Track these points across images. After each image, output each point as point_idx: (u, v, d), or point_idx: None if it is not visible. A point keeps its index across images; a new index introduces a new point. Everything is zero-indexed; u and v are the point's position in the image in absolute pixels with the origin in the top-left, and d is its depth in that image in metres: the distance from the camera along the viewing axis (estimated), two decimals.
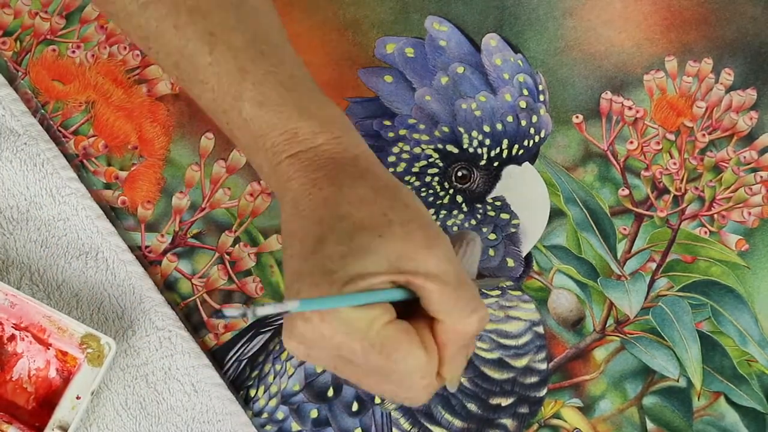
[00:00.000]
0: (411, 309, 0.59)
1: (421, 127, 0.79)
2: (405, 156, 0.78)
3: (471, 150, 0.78)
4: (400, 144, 0.78)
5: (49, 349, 0.74)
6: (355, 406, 0.76)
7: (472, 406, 0.76)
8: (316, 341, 0.58)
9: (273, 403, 0.76)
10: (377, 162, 0.63)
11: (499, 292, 0.78)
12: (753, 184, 0.81)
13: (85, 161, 0.79)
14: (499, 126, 0.79)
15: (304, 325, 0.57)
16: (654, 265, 0.79)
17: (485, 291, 0.78)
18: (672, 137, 0.81)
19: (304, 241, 0.59)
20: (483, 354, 0.77)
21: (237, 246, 0.78)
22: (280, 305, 0.55)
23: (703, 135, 0.81)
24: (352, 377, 0.60)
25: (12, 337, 0.74)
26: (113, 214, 0.78)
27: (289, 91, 0.62)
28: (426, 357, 0.58)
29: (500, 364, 0.77)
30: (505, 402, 0.77)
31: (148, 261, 0.78)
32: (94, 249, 0.77)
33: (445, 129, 0.79)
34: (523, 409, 0.77)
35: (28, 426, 0.73)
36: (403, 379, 0.58)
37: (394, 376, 0.58)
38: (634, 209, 0.80)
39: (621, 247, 0.79)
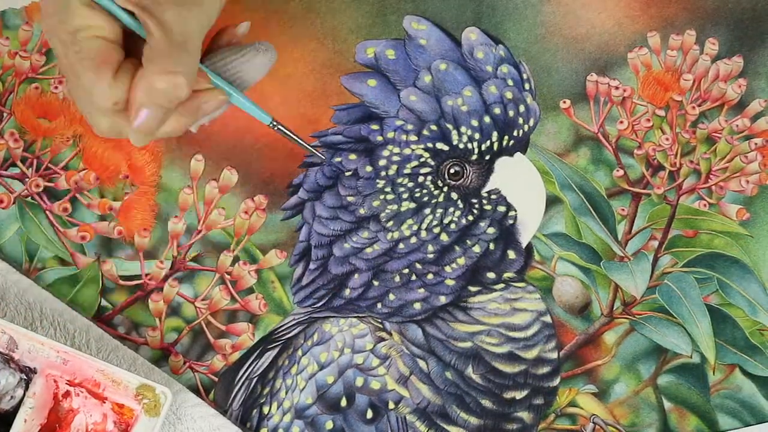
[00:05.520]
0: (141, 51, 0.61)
1: (409, 127, 0.78)
2: (395, 158, 0.78)
3: (461, 146, 0.78)
4: (390, 147, 0.78)
5: (105, 402, 0.73)
6: (369, 414, 0.76)
7: (486, 402, 0.76)
8: (45, 14, 0.61)
9: (287, 418, 0.76)
10: None
11: (503, 285, 0.78)
12: (748, 152, 0.80)
13: (77, 195, 0.79)
14: (487, 119, 0.78)
15: None
16: (656, 243, 0.79)
17: (490, 286, 0.77)
18: (662, 113, 0.80)
19: None
20: (493, 349, 0.76)
21: (236, 265, 0.78)
22: None
23: (693, 107, 0.80)
24: (60, 67, 0.63)
25: (67, 394, 0.73)
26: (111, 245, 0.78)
27: None
28: (108, 84, 0.60)
29: (511, 357, 0.77)
30: (519, 395, 0.76)
31: (149, 289, 0.78)
32: None
33: (434, 127, 0.78)
34: (538, 401, 0.77)
35: None
36: (87, 94, 0.61)
37: (81, 85, 0.60)
38: (631, 189, 0.79)
39: (621, 228, 0.79)
